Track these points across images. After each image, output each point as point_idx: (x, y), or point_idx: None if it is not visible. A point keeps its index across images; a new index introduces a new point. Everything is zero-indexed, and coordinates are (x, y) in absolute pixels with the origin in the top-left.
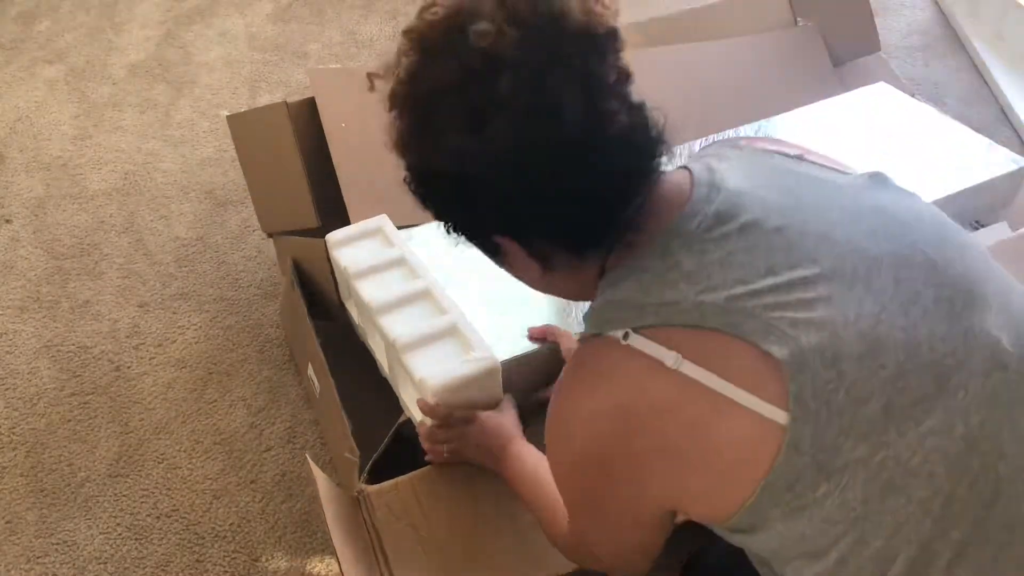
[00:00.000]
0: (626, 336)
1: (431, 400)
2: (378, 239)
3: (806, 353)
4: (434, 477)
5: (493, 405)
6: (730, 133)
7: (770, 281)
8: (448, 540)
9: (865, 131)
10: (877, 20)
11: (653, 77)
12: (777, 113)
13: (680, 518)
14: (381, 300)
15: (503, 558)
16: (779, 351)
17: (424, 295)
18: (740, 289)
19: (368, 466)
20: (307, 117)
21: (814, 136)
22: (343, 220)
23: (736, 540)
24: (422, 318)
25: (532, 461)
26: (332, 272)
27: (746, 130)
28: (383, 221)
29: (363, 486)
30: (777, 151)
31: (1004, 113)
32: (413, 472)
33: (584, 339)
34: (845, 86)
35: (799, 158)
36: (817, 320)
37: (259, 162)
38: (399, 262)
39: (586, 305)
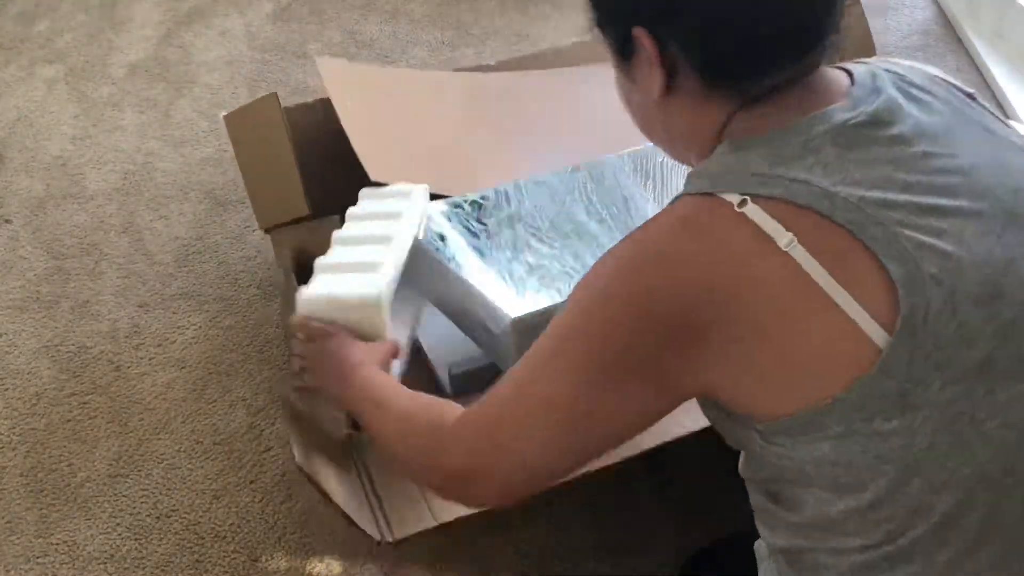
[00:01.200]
0: (743, 203)
1: (299, 312)
2: (396, 198)
3: (924, 278)
4: None
5: (372, 340)
6: None
7: (905, 198)
8: None
9: None
10: (877, 20)
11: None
12: None
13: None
14: (343, 236)
15: None
16: (897, 269)
17: (383, 240)
18: (875, 194)
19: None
20: (300, 109)
21: None
22: (336, 211)
23: (758, 444)
24: (361, 254)
25: (380, 381)
26: None
27: None
28: (416, 188)
29: (351, 430)
30: (947, 81)
31: (1004, 113)
32: None
33: (688, 196)
34: None
35: (970, 96)
36: (943, 250)
37: (253, 157)
38: (392, 215)
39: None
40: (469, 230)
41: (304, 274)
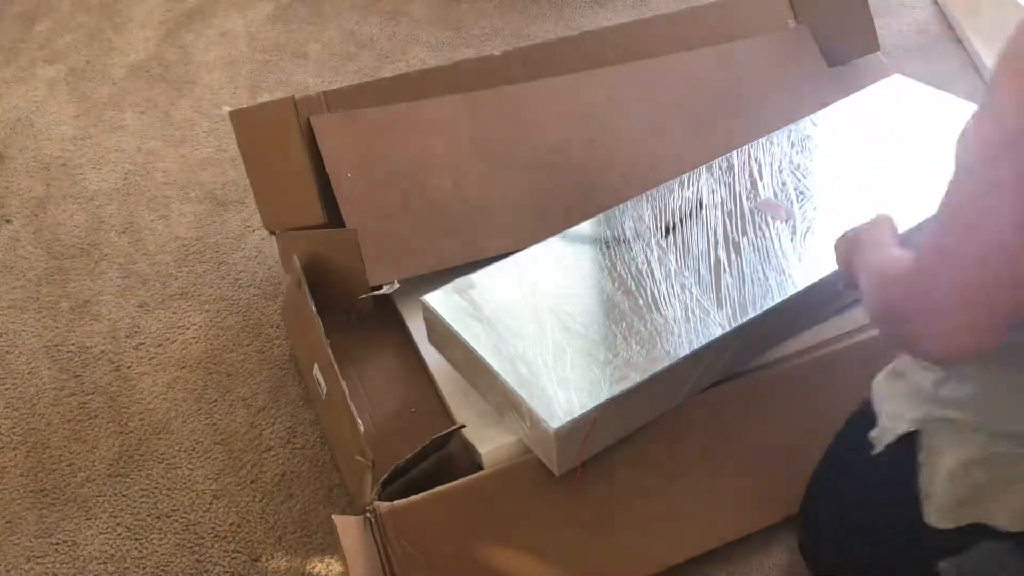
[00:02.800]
0: None
1: None
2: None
3: None
4: (463, 495)
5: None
6: (731, 144)
7: None
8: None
9: (896, 127)
10: (877, 20)
11: (650, 91)
12: (782, 116)
13: None
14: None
15: None
16: None
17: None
18: None
19: (386, 476)
20: (311, 113)
21: (843, 138)
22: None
23: None
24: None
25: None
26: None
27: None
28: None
29: (376, 502)
30: None
31: None
32: (435, 489)
33: None
34: (846, 86)
35: None
36: None
37: (262, 158)
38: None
39: None
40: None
41: (312, 274)
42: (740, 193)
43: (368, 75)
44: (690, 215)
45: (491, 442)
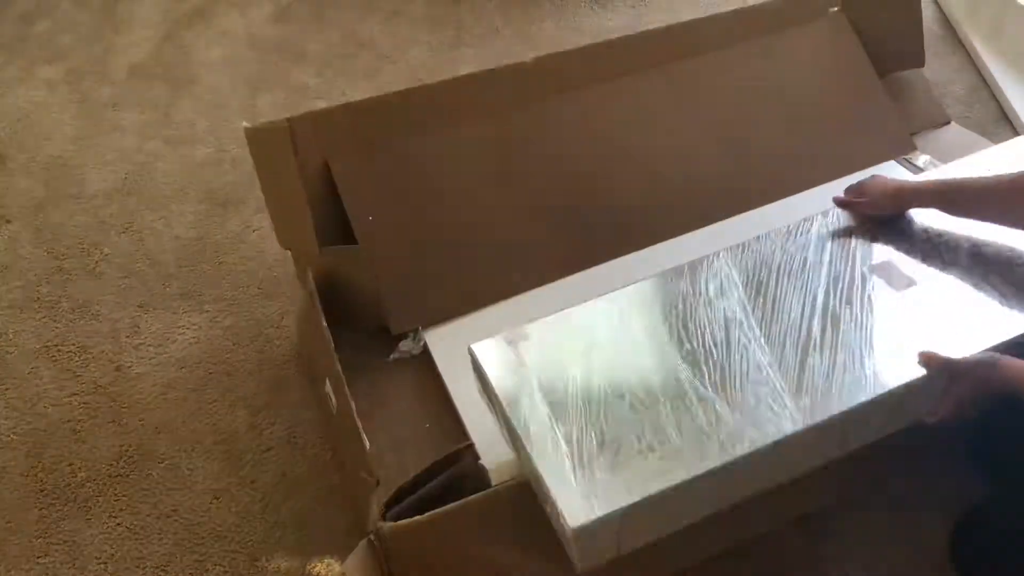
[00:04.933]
0: None
1: None
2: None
3: None
4: (469, 516)
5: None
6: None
7: None
8: None
9: None
10: None
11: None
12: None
13: None
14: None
15: None
16: None
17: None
18: None
19: (388, 498)
20: (313, 131)
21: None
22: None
23: None
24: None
25: None
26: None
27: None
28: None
29: (380, 523)
30: None
31: (1004, 113)
32: (440, 509)
33: None
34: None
35: None
36: None
37: (271, 176)
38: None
39: None
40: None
41: (330, 298)
42: (855, 252)
43: (368, 75)
44: (788, 274)
45: (501, 459)
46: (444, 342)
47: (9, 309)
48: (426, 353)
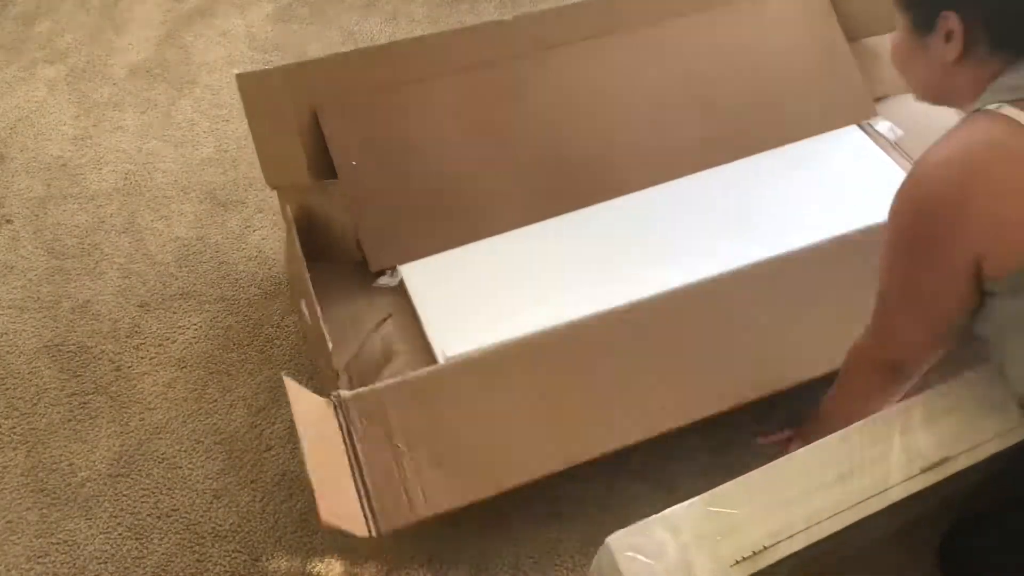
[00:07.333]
0: (999, 106)
1: None
2: None
3: None
4: (413, 385)
5: None
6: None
7: None
8: (423, 449)
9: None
10: None
11: (660, 60)
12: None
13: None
14: None
15: (473, 463)
16: None
17: None
18: None
19: (344, 365)
20: (305, 79)
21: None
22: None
23: (995, 304)
24: None
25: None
26: None
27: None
28: None
29: (339, 392)
30: None
31: None
32: (390, 380)
33: (962, 120)
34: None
35: None
36: None
37: (263, 120)
38: None
39: None
40: None
41: (309, 231)
42: None
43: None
44: None
45: (453, 348)
46: (417, 275)
47: (9, 309)
48: (402, 285)
